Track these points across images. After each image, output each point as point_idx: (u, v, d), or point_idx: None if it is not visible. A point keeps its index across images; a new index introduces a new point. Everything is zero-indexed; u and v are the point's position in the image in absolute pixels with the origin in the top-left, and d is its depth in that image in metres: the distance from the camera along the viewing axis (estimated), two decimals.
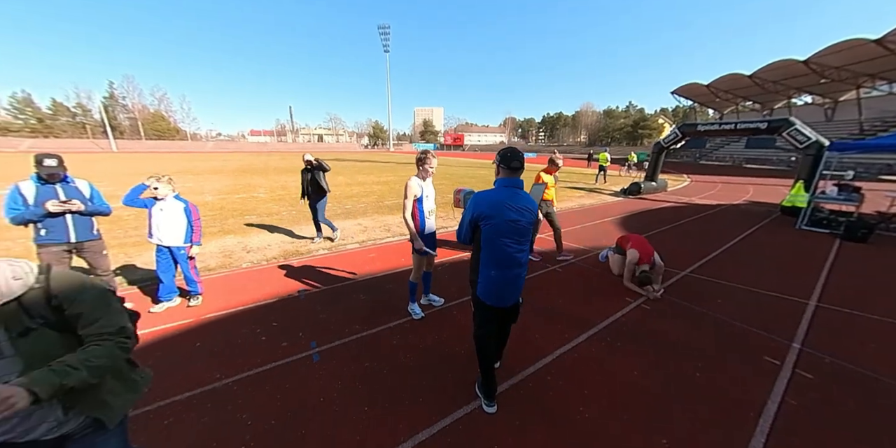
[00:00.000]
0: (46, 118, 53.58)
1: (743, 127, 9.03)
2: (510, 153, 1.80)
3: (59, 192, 2.54)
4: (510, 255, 1.79)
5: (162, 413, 1.89)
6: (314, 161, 4.98)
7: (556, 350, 2.53)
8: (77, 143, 46.55)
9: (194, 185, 10.90)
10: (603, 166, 13.94)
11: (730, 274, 4.13)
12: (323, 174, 5.06)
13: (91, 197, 2.71)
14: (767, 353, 2.57)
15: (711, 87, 35.75)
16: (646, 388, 2.16)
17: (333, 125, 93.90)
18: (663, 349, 2.58)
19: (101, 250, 2.84)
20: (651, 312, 3.15)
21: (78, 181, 2.69)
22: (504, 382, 2.17)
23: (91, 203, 2.68)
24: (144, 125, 59.34)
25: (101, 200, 2.77)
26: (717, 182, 15.73)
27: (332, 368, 2.29)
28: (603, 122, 76.24)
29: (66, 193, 2.55)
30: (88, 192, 2.71)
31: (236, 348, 2.49)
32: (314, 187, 5.03)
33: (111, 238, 5.18)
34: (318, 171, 4.99)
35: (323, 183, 5.05)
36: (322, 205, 5.12)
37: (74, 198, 2.55)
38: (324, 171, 5.05)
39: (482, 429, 1.83)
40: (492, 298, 1.84)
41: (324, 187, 5.06)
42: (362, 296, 3.38)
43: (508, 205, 1.77)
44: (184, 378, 2.16)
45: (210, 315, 2.96)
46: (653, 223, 6.87)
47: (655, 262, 3.57)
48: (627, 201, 9.72)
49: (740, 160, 31.65)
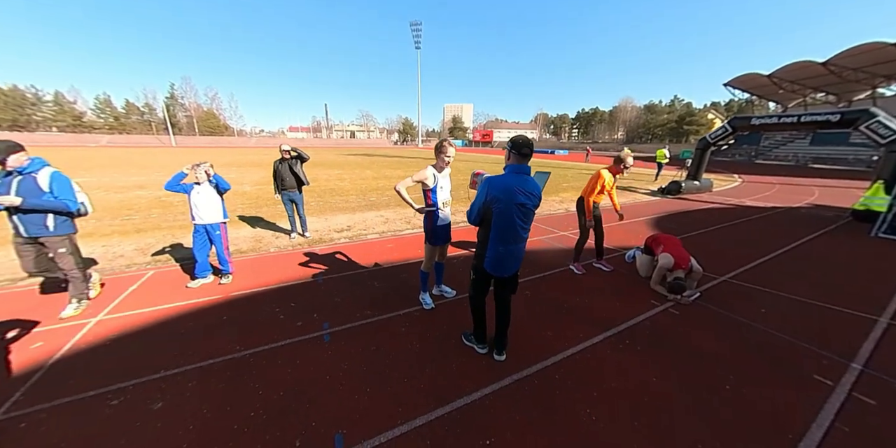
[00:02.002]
0: (121, 117, 60.53)
1: (808, 120, 7.94)
2: (521, 140, 1.90)
3: (13, 185, 2.38)
4: (517, 233, 1.97)
5: (188, 376, 2.07)
6: (292, 151, 4.63)
7: (568, 349, 2.41)
8: (145, 138, 52.33)
9: (236, 176, 11.75)
10: (661, 164, 13.29)
11: (779, 282, 3.68)
12: (301, 165, 4.71)
13: (52, 190, 2.50)
14: (818, 372, 2.26)
15: (774, 78, 31.90)
16: (663, 396, 1.99)
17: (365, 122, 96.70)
18: (690, 357, 2.37)
19: (57, 248, 2.63)
20: (680, 318, 2.90)
21: (42, 171, 2.49)
22: (508, 377, 2.11)
23: (48, 197, 2.47)
24: (198, 122, 64.98)
25: (65, 194, 2.56)
26: (774, 183, 14.11)
27: (341, 349, 2.36)
28: (643, 117, 71.25)
29: (19, 185, 2.39)
30: (48, 184, 2.49)
31: (256, 324, 2.65)
32: (295, 180, 4.65)
33: (162, 221, 5.75)
34: (296, 161, 4.65)
35: (302, 175, 4.69)
36: (301, 198, 4.79)
37: (23, 192, 2.38)
38: (303, 161, 4.72)
39: (479, 420, 1.79)
40: (496, 270, 2.05)
41: (303, 179, 4.70)
42: (377, 283, 3.45)
43: (518, 189, 1.87)
44: (208, 347, 2.34)
45: (237, 293, 3.17)
46: (690, 225, 6.32)
47: (693, 268, 3.25)
48: (664, 201, 9.02)
49: (805, 159, 28.12)
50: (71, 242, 2.74)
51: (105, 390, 1.95)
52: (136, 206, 6.93)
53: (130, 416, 1.78)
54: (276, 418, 1.78)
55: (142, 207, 6.78)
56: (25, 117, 52.68)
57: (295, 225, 4.94)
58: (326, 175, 13.04)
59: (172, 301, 2.99)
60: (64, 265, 2.70)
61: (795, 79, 31.17)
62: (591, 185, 3.58)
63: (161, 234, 5.03)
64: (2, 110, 50.67)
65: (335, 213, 6.66)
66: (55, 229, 2.58)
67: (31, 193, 2.43)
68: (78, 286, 2.79)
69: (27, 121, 52.75)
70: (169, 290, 3.19)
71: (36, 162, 2.49)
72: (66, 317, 2.68)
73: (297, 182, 4.71)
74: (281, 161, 4.65)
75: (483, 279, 2.15)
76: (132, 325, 2.62)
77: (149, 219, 5.90)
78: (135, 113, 62.52)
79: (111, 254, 4.20)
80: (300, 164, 4.74)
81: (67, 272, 2.72)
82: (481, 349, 2.33)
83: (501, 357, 2.25)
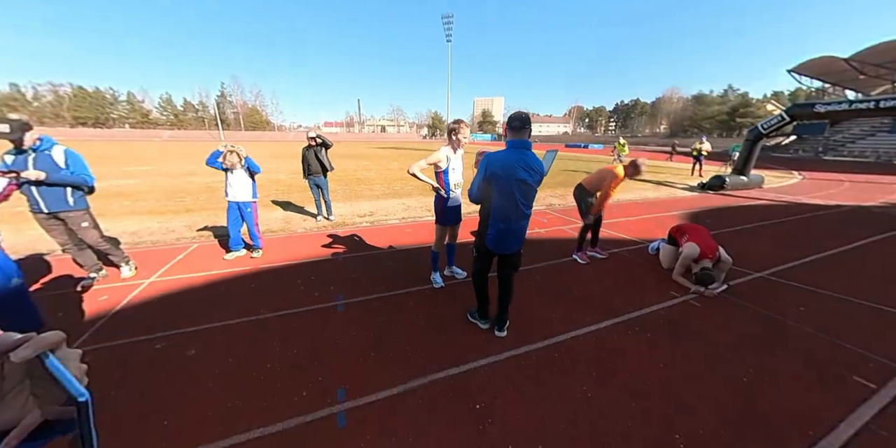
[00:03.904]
0: (180, 114, 66.84)
1: (890, 105, 6.87)
2: (514, 114, 1.90)
3: (29, 162, 2.43)
4: (518, 210, 1.94)
5: (218, 331, 2.34)
6: (317, 138, 4.81)
7: (571, 331, 2.39)
8: (199, 133, 57.58)
9: (273, 166, 12.61)
10: (699, 158, 12.07)
11: (826, 281, 3.32)
12: (326, 152, 4.96)
13: (68, 166, 2.58)
14: (860, 374, 2.05)
15: (854, 62, 27.61)
16: (668, 382, 1.93)
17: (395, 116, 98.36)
18: (705, 347, 2.25)
19: (80, 222, 2.72)
20: (701, 310, 2.74)
21: (55, 149, 2.55)
22: (506, 352, 2.14)
23: (66, 173, 2.55)
24: (244, 118, 69.95)
25: (81, 170, 2.65)
26: (844, 180, 12.43)
27: (352, 318, 2.53)
28: (690, 109, 65.39)
29: (35, 162, 2.45)
30: (63, 160, 2.57)
31: (280, 293, 2.90)
32: (320, 165, 4.91)
33: (208, 203, 6.36)
34: (321, 149, 4.89)
35: (326, 161, 4.95)
36: (325, 183, 5.06)
37: (42, 167, 2.44)
38: (327, 148, 4.95)
39: (471, 387, 1.85)
40: (498, 247, 2.06)
41: (326, 166, 4.96)
42: (391, 263, 3.59)
43: (518, 165, 1.86)
44: (238, 309, 2.61)
45: (266, 266, 3.47)
46: (728, 220, 5.80)
47: (721, 258, 3.03)
48: (704, 196, 8.33)
49: (890, 155, 24.27)
50: (91, 216, 2.85)
51: (152, 336, 2.26)
52: (188, 190, 7.73)
53: (170, 358, 2.07)
54: (288, 371, 1.97)
55: (192, 191, 7.54)
56: (105, 115, 60.00)
57: (321, 208, 5.25)
58: (355, 166, 13.61)
59: (211, 269, 3.34)
60: (90, 239, 2.82)
61: (882, 61, 26.80)
62: (607, 184, 3.31)
63: (206, 214, 5.58)
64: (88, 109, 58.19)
65: (360, 200, 6.95)
66: (75, 204, 2.68)
67: (51, 169, 2.49)
68: (116, 253, 3.06)
69: (106, 118, 60.06)
70: (208, 261, 3.56)
71: (46, 140, 2.53)
72: (126, 277, 3.11)
73: (322, 168, 4.97)
74: (308, 148, 4.92)
75: (485, 257, 2.17)
76: (177, 287, 2.99)
77: (197, 201, 6.56)
78: (191, 110, 68.66)
79: (165, 229, 4.75)
80: (325, 151, 4.98)
81: (96, 245, 2.86)
82: (484, 325, 2.37)
83: (502, 333, 2.28)
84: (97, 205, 3.01)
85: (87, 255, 2.99)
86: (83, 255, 2.96)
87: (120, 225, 4.90)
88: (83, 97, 58.46)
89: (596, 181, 3.44)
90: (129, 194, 7.13)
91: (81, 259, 2.96)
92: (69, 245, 2.86)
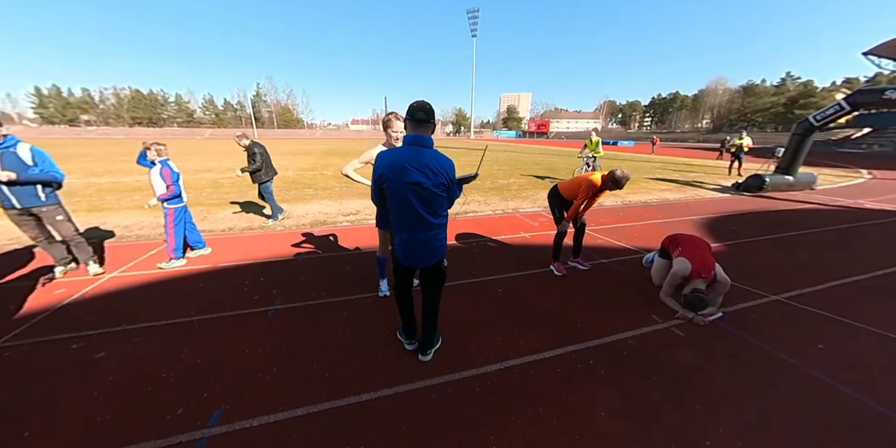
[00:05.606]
0: (220, 113, 71.85)
1: None
2: (416, 104, 1.60)
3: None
4: (419, 218, 1.65)
5: (138, 333, 2.25)
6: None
7: (510, 359, 2.04)
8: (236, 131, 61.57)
9: (286, 163, 12.97)
10: (740, 155, 10.64)
11: (865, 310, 2.65)
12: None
13: (36, 164, 2.62)
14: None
15: None
16: (607, 439, 1.54)
17: None
18: (672, 393, 1.81)
19: (54, 216, 2.78)
20: (682, 341, 2.26)
21: (20, 146, 2.60)
22: (421, 381, 1.85)
23: (35, 170, 2.60)
24: (277, 117, 73.63)
25: (48, 166, 2.67)
26: None
27: (276, 327, 2.35)
28: (738, 101, 59.07)
29: (2, 160, 2.50)
30: (30, 158, 2.61)
31: (221, 293, 2.80)
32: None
33: (206, 199, 6.56)
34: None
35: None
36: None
37: (10, 166, 2.49)
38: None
39: (365, 422, 1.59)
40: (408, 260, 1.78)
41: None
42: (348, 267, 3.40)
43: (410, 165, 1.53)
44: (172, 309, 2.54)
45: (224, 264, 3.42)
46: (759, 228, 4.98)
47: (718, 278, 2.50)
48: (737, 199, 7.32)
49: None
50: (64, 210, 2.89)
51: (76, 335, 2.23)
52: (197, 185, 8.06)
53: (78, 360, 2.00)
54: (180, 384, 1.82)
55: (199, 187, 7.86)
56: (156, 115, 66.05)
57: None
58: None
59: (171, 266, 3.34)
60: (65, 232, 2.88)
61: None
62: (581, 192, 2.88)
63: (199, 209, 5.73)
64: (143, 110, 64.43)
65: (352, 198, 6.85)
66: (46, 199, 2.73)
67: (19, 168, 2.54)
68: (85, 248, 3.07)
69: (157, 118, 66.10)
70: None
71: (10, 138, 2.56)
72: (95, 273, 3.11)
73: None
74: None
75: (397, 268, 1.90)
76: (129, 284, 2.99)
77: (199, 196, 6.79)
78: (230, 110, 73.50)
79: (156, 223, 4.92)
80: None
81: (70, 239, 2.92)
82: (409, 345, 2.10)
83: (426, 357, 2.00)
84: (112, 199, 3.06)
85: (57, 248, 3.08)
86: (53, 249, 3.06)
87: (118, 219, 5.15)
88: (139, 99, 64.70)
89: (573, 188, 3.01)
90: (146, 189, 7.58)
91: (51, 252, 3.06)
92: (41, 238, 2.97)
